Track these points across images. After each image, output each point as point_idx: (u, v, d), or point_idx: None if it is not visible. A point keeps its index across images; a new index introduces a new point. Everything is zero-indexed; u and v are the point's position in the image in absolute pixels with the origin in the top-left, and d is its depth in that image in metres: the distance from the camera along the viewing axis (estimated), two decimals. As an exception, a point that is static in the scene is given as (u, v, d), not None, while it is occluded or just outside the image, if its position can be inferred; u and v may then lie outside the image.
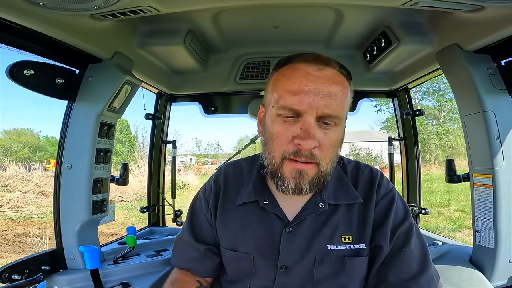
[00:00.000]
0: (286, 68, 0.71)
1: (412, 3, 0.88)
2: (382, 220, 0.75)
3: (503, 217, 1.10)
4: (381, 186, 0.79)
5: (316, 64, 0.68)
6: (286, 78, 0.69)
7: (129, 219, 7.81)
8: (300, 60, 0.70)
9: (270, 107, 0.71)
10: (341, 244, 0.73)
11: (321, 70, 0.67)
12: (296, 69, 0.68)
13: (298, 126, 0.66)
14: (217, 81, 1.71)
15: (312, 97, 0.64)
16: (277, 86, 0.70)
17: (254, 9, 1.18)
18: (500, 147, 1.09)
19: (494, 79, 1.09)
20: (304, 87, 0.65)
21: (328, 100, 0.65)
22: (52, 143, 20.72)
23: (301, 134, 0.65)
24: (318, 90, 0.65)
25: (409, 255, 0.72)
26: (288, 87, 0.67)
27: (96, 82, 1.17)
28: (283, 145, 0.67)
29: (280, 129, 0.68)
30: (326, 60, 0.70)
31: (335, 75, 0.69)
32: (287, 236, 0.74)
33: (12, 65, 0.95)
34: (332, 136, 0.68)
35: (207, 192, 0.88)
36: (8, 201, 8.34)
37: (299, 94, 0.65)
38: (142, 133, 20.17)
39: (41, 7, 0.80)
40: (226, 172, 0.88)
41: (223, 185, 0.85)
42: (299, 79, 0.66)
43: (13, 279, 1.03)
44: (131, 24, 1.22)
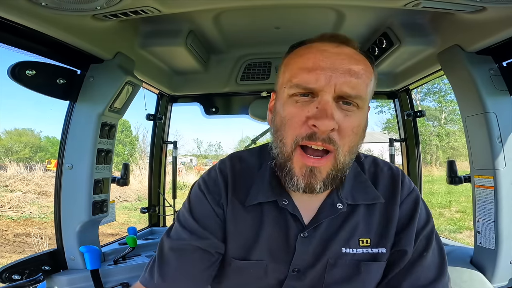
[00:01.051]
0: (300, 48, 0.64)
1: (414, 4, 0.88)
2: (407, 223, 0.67)
3: (504, 218, 1.09)
4: (404, 185, 0.71)
5: (333, 42, 0.61)
6: (299, 55, 0.62)
7: (130, 220, 7.81)
8: (315, 39, 0.64)
9: (282, 89, 0.63)
10: (358, 248, 0.66)
11: (339, 47, 0.60)
12: (311, 47, 0.62)
13: (313, 105, 0.57)
14: (218, 81, 1.72)
15: (330, 73, 0.56)
16: (289, 65, 0.63)
17: (255, 9, 1.18)
18: (502, 149, 1.09)
19: (495, 80, 1.09)
20: (320, 63, 0.57)
21: (348, 77, 0.57)
22: (53, 143, 20.76)
23: (317, 113, 0.56)
24: (336, 66, 0.57)
25: (429, 260, 0.66)
26: (302, 63, 0.59)
27: (98, 83, 1.17)
28: (296, 128, 0.58)
29: (292, 110, 0.59)
30: (345, 38, 0.62)
31: (356, 54, 0.61)
32: (303, 241, 0.66)
33: (14, 65, 0.95)
34: (354, 120, 0.59)
35: (214, 185, 0.72)
36: (8, 201, 8.36)
37: (315, 70, 0.57)
38: (143, 134, 20.20)
39: (43, 7, 0.80)
40: (232, 166, 0.74)
41: (231, 181, 0.72)
42: (314, 55, 0.59)
43: (13, 279, 1.03)
44: (132, 24, 1.22)
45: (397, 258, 0.66)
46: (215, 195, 0.71)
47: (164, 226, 2.01)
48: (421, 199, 0.71)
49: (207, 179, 0.74)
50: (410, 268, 0.65)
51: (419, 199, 0.70)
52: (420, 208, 0.69)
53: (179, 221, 0.72)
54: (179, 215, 0.73)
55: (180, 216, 0.73)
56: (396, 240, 0.67)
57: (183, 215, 0.72)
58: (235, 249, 0.69)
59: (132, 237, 1.34)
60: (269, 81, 1.67)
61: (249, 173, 0.73)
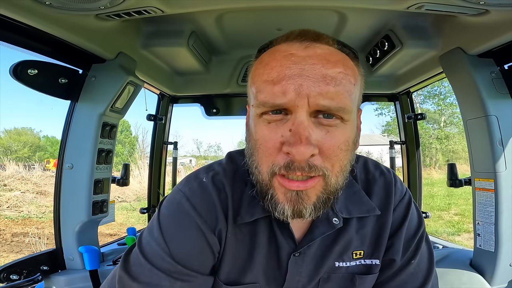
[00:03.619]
0: (265, 54, 0.53)
1: (417, 7, 0.88)
2: (396, 230, 0.62)
3: (504, 221, 1.09)
4: (397, 191, 0.64)
5: (301, 41, 0.50)
6: (263, 64, 0.51)
7: (128, 220, 7.79)
8: (280, 40, 0.53)
9: (250, 107, 0.53)
10: (351, 260, 0.61)
11: (308, 48, 0.49)
12: (275, 51, 0.51)
13: (287, 127, 0.47)
14: (219, 83, 1.72)
15: (299, 81, 0.46)
16: (254, 78, 0.52)
17: (258, 11, 1.18)
18: (503, 152, 1.09)
19: (497, 83, 1.09)
20: (286, 71, 0.47)
21: (322, 85, 0.46)
22: (52, 143, 20.72)
23: (291, 138, 0.46)
24: (307, 73, 0.46)
25: (416, 266, 0.62)
26: (266, 74, 0.49)
27: (99, 82, 1.17)
28: (271, 156, 0.48)
29: (264, 132, 0.49)
30: (315, 35, 0.51)
31: (331, 53, 0.50)
32: (296, 261, 0.59)
33: (16, 65, 0.95)
34: (339, 137, 0.48)
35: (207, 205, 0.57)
36: (7, 201, 8.32)
37: (281, 82, 0.46)
38: (142, 134, 20.19)
39: (47, 6, 0.80)
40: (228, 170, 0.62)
41: (230, 193, 0.59)
42: (279, 62, 0.48)
43: (12, 279, 1.02)
44: (135, 24, 1.22)
45: (385, 266, 0.63)
46: (209, 220, 0.56)
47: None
48: (412, 203, 0.66)
49: (190, 195, 0.57)
50: (397, 275, 0.62)
51: (411, 203, 0.65)
52: (410, 213, 0.64)
53: (148, 259, 0.53)
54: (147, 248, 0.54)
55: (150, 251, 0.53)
56: (385, 248, 0.62)
57: (154, 252, 0.53)
58: (227, 274, 0.60)
59: (132, 238, 1.33)
60: (270, 82, 1.67)
61: (241, 179, 0.61)
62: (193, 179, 0.59)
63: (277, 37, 0.55)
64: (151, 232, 0.55)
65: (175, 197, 0.57)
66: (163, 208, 0.57)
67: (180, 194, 0.57)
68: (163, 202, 0.59)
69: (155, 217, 0.57)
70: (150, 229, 0.56)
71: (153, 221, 0.57)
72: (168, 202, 0.58)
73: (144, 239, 0.56)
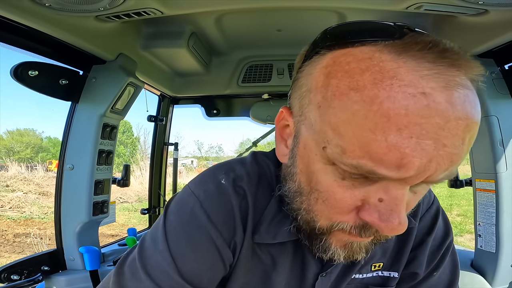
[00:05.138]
0: (359, 62, 0.32)
1: (416, 7, 0.88)
2: (421, 242, 0.55)
3: (505, 222, 1.09)
4: (424, 199, 0.57)
5: (442, 70, 0.30)
6: (365, 97, 0.30)
7: (130, 221, 7.81)
8: (394, 49, 0.31)
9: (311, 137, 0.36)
10: (369, 272, 0.55)
11: (453, 88, 0.29)
12: (390, 79, 0.29)
13: (372, 192, 0.34)
14: (219, 83, 1.72)
15: (429, 153, 0.29)
16: (337, 109, 0.32)
17: (257, 12, 1.18)
18: (503, 152, 1.09)
19: (497, 84, 1.09)
20: (414, 130, 0.29)
21: (455, 156, 0.31)
22: (54, 144, 20.81)
23: (382, 210, 0.33)
24: (444, 139, 0.29)
25: (438, 279, 0.57)
26: (372, 123, 0.29)
27: (100, 84, 1.17)
28: (337, 215, 0.37)
29: (334, 190, 0.35)
30: (466, 62, 0.31)
31: (476, 99, 0.32)
32: (323, 281, 0.52)
33: (17, 66, 0.96)
34: (424, 192, 0.38)
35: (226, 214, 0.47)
36: (9, 201, 8.37)
37: (399, 147, 0.29)
38: (144, 135, 20.24)
39: (47, 7, 0.81)
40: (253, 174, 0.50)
41: (252, 203, 0.47)
42: (402, 108, 0.29)
43: (12, 279, 1.03)
44: (135, 26, 1.22)
45: (405, 279, 0.57)
46: (227, 233, 0.46)
47: (164, 228, 2.00)
48: (440, 212, 0.58)
49: (206, 200, 0.46)
50: (416, 286, 0.57)
51: (439, 213, 0.57)
52: (438, 224, 0.56)
53: (147, 271, 0.44)
54: (146, 259, 0.45)
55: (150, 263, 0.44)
56: (408, 260, 0.55)
57: (157, 266, 0.44)
58: None
59: (132, 238, 1.34)
60: (270, 83, 1.67)
61: (267, 186, 0.50)
62: (210, 179, 0.48)
63: (368, 29, 0.34)
64: (155, 243, 0.45)
65: (186, 202, 0.46)
66: (171, 214, 0.47)
67: (193, 199, 0.46)
68: (171, 204, 0.48)
69: (161, 224, 0.46)
70: (154, 238, 0.46)
71: (157, 228, 0.46)
72: (178, 206, 0.47)
73: (147, 250, 0.45)
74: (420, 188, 0.36)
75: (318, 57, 0.37)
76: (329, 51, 0.36)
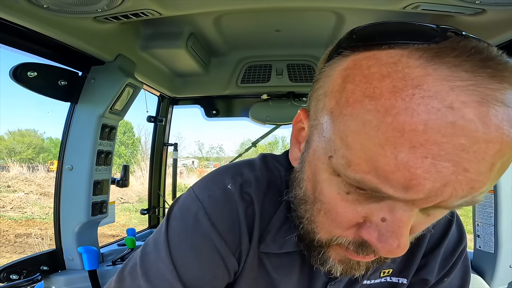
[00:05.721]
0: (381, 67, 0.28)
1: (413, 7, 0.88)
2: (432, 249, 0.53)
3: (504, 222, 1.09)
4: None
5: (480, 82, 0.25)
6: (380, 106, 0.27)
7: (130, 221, 7.83)
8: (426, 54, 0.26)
9: (320, 143, 0.34)
10: (377, 278, 0.52)
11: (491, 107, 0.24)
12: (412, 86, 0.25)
13: (376, 210, 0.32)
14: (218, 84, 1.72)
15: (445, 177, 0.26)
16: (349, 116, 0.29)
17: (256, 12, 1.18)
18: (502, 152, 1.09)
19: (495, 84, 1.09)
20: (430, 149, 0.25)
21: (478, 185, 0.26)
22: (56, 144, 20.86)
23: (383, 231, 0.31)
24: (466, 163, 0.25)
25: (448, 284, 0.55)
26: (384, 136, 0.26)
27: (99, 84, 1.18)
28: (337, 229, 0.36)
29: (337, 203, 0.34)
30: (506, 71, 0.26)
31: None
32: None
33: (16, 67, 0.96)
34: (439, 215, 0.34)
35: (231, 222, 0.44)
36: (10, 202, 8.40)
37: (410, 167, 0.26)
38: (145, 135, 20.27)
39: (45, 9, 0.82)
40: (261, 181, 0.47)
41: (259, 212, 0.45)
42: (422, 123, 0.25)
43: (11, 279, 1.03)
44: (133, 27, 1.23)
45: (416, 284, 0.55)
46: (232, 241, 0.44)
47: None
48: (455, 217, 0.55)
49: (210, 207, 0.43)
50: None
51: (453, 218, 0.54)
52: (452, 230, 0.53)
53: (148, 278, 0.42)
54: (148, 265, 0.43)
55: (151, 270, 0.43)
56: (418, 266, 0.53)
57: (158, 274, 0.42)
58: None
59: (131, 238, 1.34)
60: (269, 84, 1.68)
61: (276, 193, 0.47)
62: (216, 183, 0.45)
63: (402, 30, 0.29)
64: (157, 249, 0.44)
65: (190, 207, 0.44)
66: (174, 219, 0.45)
67: (197, 204, 0.44)
68: (174, 208, 0.46)
69: (163, 229, 0.44)
70: (157, 243, 0.44)
71: (160, 234, 0.44)
72: (181, 212, 0.45)
73: (149, 256, 0.44)
74: (435, 211, 0.32)
75: (339, 59, 0.33)
76: (353, 52, 0.32)
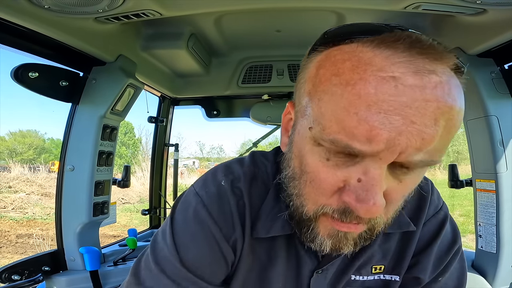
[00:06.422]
0: (343, 56, 0.36)
1: (414, 6, 0.88)
2: (425, 247, 0.56)
3: (506, 222, 1.09)
4: (432, 204, 0.57)
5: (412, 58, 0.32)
6: (342, 79, 0.34)
7: (132, 221, 7.84)
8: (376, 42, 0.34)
9: (303, 122, 0.40)
10: (370, 275, 0.55)
11: (422, 74, 0.32)
12: (364, 65, 0.33)
13: (353, 173, 0.36)
14: (219, 84, 1.72)
15: (398, 128, 0.32)
16: (322, 92, 0.37)
17: (256, 12, 1.18)
18: (503, 152, 1.08)
19: (497, 83, 1.09)
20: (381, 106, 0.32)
21: (427, 136, 0.32)
22: (57, 145, 20.87)
23: (359, 190, 0.36)
24: (413, 116, 0.31)
25: (443, 284, 0.57)
26: (347, 101, 0.33)
27: (100, 85, 1.18)
28: (322, 196, 0.39)
29: (319, 170, 0.38)
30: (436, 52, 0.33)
31: (451, 83, 0.33)
32: (318, 279, 0.54)
33: (17, 68, 0.96)
34: (409, 185, 0.39)
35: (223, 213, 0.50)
36: (12, 202, 8.42)
37: (369, 121, 0.32)
38: (146, 136, 20.30)
39: (46, 9, 0.82)
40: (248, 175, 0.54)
41: (248, 202, 0.51)
42: (372, 88, 0.32)
43: (13, 280, 1.03)
44: (134, 27, 1.23)
45: (408, 283, 0.57)
46: (225, 228, 0.50)
47: (165, 228, 2.01)
48: (448, 220, 0.58)
49: (207, 199, 0.50)
50: None
51: (446, 221, 0.57)
52: (444, 230, 0.56)
53: (156, 261, 0.49)
54: (156, 251, 0.50)
55: (162, 258, 0.49)
56: (410, 264, 0.56)
57: (165, 258, 0.49)
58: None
59: (132, 239, 1.34)
60: (270, 84, 1.68)
61: (262, 185, 0.53)
62: (211, 181, 0.53)
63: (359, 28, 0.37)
64: (164, 238, 0.51)
65: (190, 201, 0.51)
66: (178, 213, 0.52)
67: (197, 198, 0.51)
68: (178, 205, 0.53)
69: (168, 222, 0.52)
70: (164, 233, 0.51)
71: (166, 226, 0.52)
72: (183, 205, 0.52)
73: (157, 244, 0.51)
74: (405, 177, 0.37)
75: (315, 54, 0.41)
76: (325, 48, 0.40)
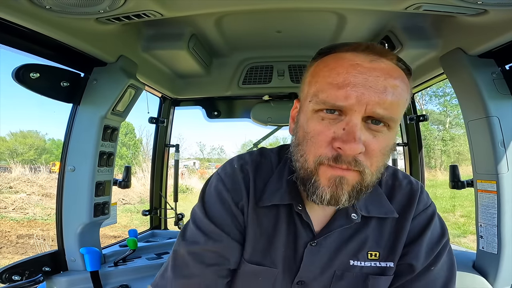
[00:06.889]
0: (329, 57, 0.59)
1: (415, 7, 0.88)
2: (416, 238, 0.66)
3: (507, 223, 1.08)
4: (421, 201, 0.69)
5: (367, 54, 0.56)
6: (329, 68, 0.57)
7: (132, 222, 7.84)
8: (347, 48, 0.58)
9: (306, 102, 0.59)
10: (366, 261, 0.65)
11: (374, 61, 0.55)
12: (341, 58, 0.57)
13: (340, 126, 0.54)
14: (220, 85, 1.73)
15: (362, 90, 0.52)
16: (317, 78, 0.58)
17: (257, 13, 1.19)
18: (504, 153, 1.08)
19: (498, 84, 1.08)
20: (351, 79, 0.53)
21: (382, 96, 0.52)
22: (58, 145, 20.88)
23: (344, 136, 0.53)
24: (370, 84, 0.53)
25: (436, 274, 0.65)
26: (332, 78, 0.55)
27: (101, 86, 1.18)
28: (320, 148, 0.55)
29: (317, 127, 0.56)
30: (382, 51, 0.57)
31: (393, 69, 0.56)
32: (311, 250, 0.65)
33: (18, 68, 0.97)
34: (383, 141, 0.56)
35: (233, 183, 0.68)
36: (12, 203, 8.42)
37: (345, 87, 0.53)
38: (146, 137, 20.31)
39: (48, 10, 0.82)
40: (253, 161, 0.71)
41: (253, 180, 0.68)
42: (345, 69, 0.54)
43: (13, 280, 1.03)
44: (135, 28, 1.23)
45: (402, 271, 0.65)
46: (235, 195, 0.67)
47: (165, 229, 2.01)
48: (436, 216, 0.69)
49: (224, 176, 0.69)
50: (415, 281, 0.64)
51: (434, 216, 0.68)
52: (433, 224, 0.67)
53: (194, 221, 0.68)
54: (194, 214, 0.70)
55: (195, 216, 0.69)
56: (403, 253, 0.66)
57: (197, 216, 0.68)
58: (250, 254, 0.66)
59: (133, 239, 1.34)
60: (271, 84, 1.68)
61: (267, 169, 0.70)
62: (228, 165, 0.72)
63: (340, 44, 0.61)
64: (199, 206, 0.69)
65: (213, 179, 0.71)
66: (207, 188, 0.71)
67: (217, 177, 0.70)
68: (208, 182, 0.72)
69: (200, 194, 0.72)
70: (198, 203, 0.70)
71: (200, 198, 0.71)
72: (210, 182, 0.72)
73: (196, 210, 0.70)
74: (377, 134, 0.55)
75: (314, 61, 0.64)
76: (320, 57, 0.63)
